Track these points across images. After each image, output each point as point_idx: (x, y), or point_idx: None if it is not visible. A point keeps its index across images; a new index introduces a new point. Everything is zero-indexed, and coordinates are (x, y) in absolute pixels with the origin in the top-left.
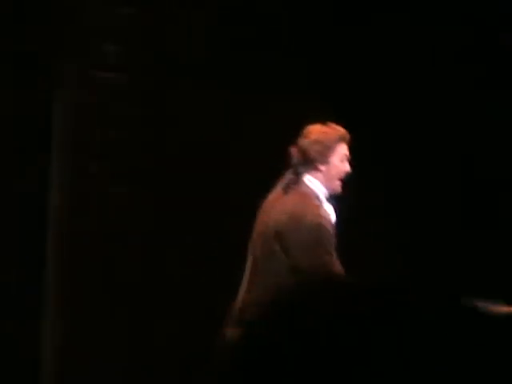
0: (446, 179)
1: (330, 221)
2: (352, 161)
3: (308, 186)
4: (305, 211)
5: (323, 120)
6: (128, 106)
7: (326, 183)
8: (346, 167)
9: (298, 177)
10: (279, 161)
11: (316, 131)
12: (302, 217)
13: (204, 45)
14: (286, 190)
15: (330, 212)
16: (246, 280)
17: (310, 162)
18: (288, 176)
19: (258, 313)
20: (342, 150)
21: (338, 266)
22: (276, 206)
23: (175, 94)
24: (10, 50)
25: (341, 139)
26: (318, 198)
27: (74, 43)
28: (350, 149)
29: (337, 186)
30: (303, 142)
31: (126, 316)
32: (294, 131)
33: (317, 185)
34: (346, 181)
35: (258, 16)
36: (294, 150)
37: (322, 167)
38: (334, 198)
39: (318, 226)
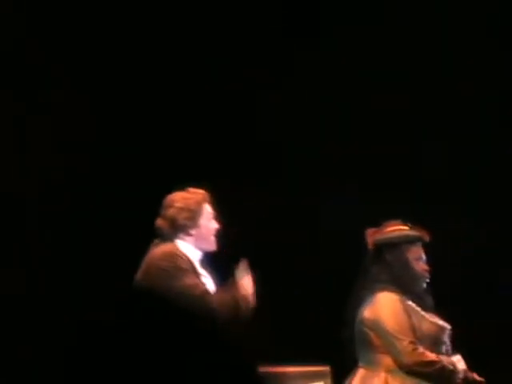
0: None
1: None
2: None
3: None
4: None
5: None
6: None
7: (200, 244)
8: (215, 225)
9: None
10: None
11: (179, 199)
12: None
13: None
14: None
15: (202, 275)
16: None
17: (180, 229)
18: (156, 242)
19: None
20: (208, 210)
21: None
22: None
23: None
24: None
25: (204, 201)
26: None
27: None
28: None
29: (211, 243)
30: (169, 211)
31: None
32: None
33: (189, 248)
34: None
35: None
36: (160, 221)
37: (193, 231)
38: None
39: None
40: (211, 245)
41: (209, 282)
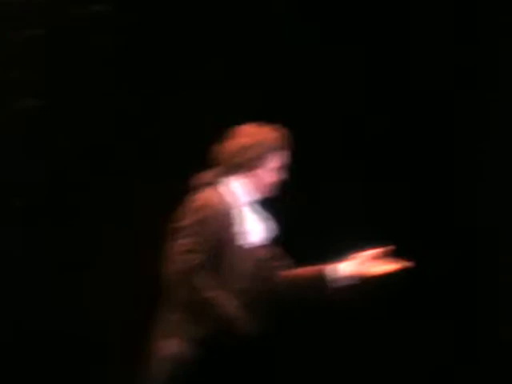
0: None
1: (228, 215)
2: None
3: (228, 191)
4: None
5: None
6: None
7: (252, 190)
8: (274, 177)
9: (218, 179)
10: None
11: (251, 133)
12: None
13: None
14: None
15: (253, 218)
16: None
17: (237, 167)
18: (206, 176)
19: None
20: (276, 158)
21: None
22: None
23: None
24: None
25: (277, 147)
26: (237, 203)
27: None
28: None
29: (264, 193)
30: (234, 142)
31: None
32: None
33: (240, 191)
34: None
35: None
36: (221, 149)
37: (249, 174)
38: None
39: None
40: (263, 194)
41: (259, 229)
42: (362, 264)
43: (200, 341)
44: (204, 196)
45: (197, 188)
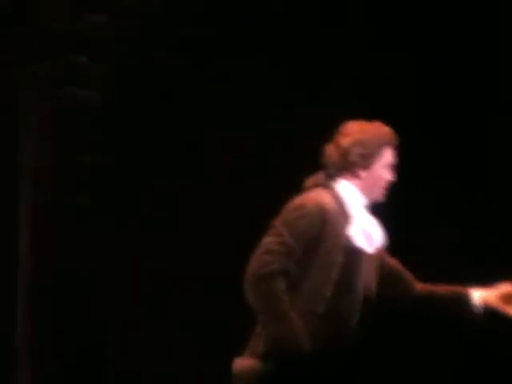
0: None
1: (336, 217)
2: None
3: (339, 193)
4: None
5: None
6: None
7: (365, 191)
8: (390, 176)
9: (329, 181)
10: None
11: (359, 130)
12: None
13: None
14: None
15: (367, 222)
16: None
17: (349, 167)
18: (316, 178)
19: None
20: (388, 155)
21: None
22: None
23: None
24: None
25: (388, 142)
26: (349, 205)
27: None
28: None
29: (378, 194)
30: (343, 141)
31: None
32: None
33: (353, 193)
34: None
35: None
36: (331, 149)
37: (363, 173)
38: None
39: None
40: (377, 196)
41: (376, 231)
42: (499, 298)
43: (263, 356)
44: (304, 197)
45: (306, 190)
